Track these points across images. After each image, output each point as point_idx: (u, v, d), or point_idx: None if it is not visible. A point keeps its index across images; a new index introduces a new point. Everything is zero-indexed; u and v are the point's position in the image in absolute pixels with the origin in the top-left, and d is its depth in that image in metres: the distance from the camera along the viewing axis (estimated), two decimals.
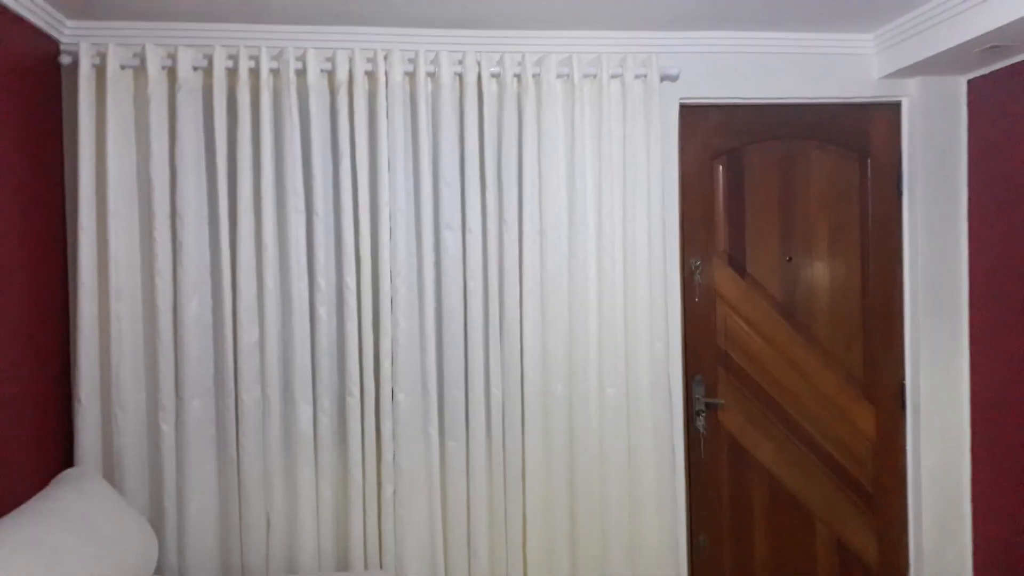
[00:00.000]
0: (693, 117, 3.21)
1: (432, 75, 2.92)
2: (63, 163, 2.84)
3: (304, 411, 2.85)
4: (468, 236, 2.94)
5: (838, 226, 3.28)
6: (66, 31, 2.81)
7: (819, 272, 3.29)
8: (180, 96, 2.79)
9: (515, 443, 2.97)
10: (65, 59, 2.79)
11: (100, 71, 2.77)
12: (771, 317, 3.25)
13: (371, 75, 2.90)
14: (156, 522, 2.79)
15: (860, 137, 3.28)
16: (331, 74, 2.88)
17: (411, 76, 2.92)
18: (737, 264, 3.25)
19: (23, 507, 2.14)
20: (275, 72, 2.86)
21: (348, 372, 2.87)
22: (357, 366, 2.89)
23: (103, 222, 2.76)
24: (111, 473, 2.77)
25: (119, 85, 2.78)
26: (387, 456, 2.89)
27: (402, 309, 2.89)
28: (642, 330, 3.04)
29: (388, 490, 2.89)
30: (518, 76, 2.97)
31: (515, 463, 2.97)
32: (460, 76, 2.94)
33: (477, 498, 2.94)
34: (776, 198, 3.26)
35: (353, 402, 2.87)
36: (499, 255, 2.97)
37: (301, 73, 2.86)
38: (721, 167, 3.25)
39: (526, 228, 2.97)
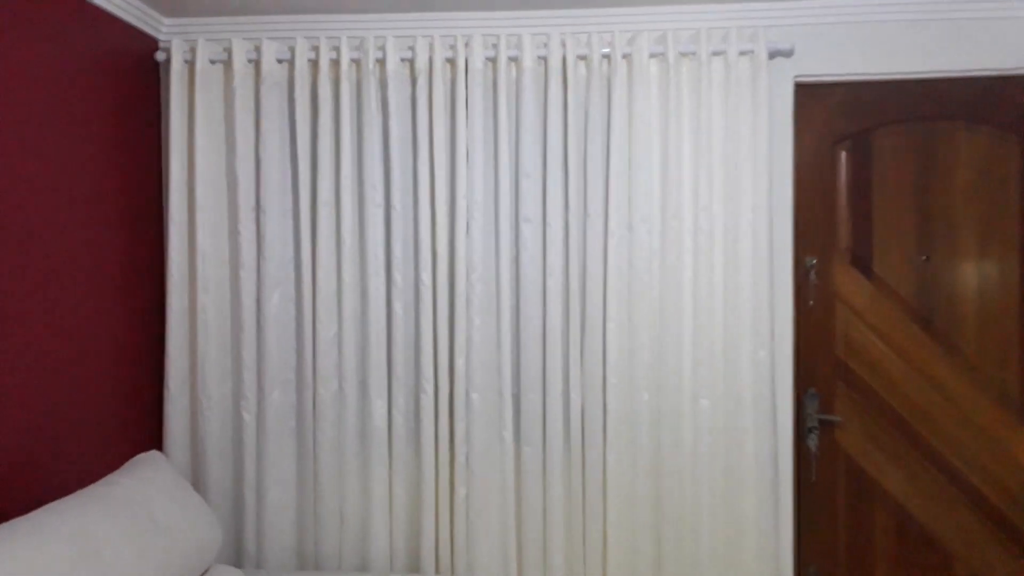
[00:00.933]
0: (811, 97, 2.84)
1: (515, 60, 2.76)
2: (160, 159, 2.94)
3: (379, 407, 2.80)
4: (548, 231, 2.76)
5: (990, 220, 2.80)
6: (164, 29, 2.90)
7: (965, 273, 2.82)
8: (264, 89, 2.81)
9: (596, 454, 2.76)
10: (161, 56, 2.88)
11: (190, 67, 2.84)
12: (903, 325, 2.83)
13: (451, 62, 2.78)
14: (237, 510, 2.84)
15: (1021, 115, 2.77)
16: (411, 62, 2.80)
17: (493, 62, 2.77)
18: (862, 263, 2.85)
19: (80, 492, 2.21)
20: (356, 62, 2.81)
21: (423, 369, 2.78)
22: (432, 363, 2.79)
23: (192, 216, 2.84)
24: (197, 460, 2.85)
25: (208, 80, 2.84)
26: (460, 457, 2.78)
27: (477, 307, 2.76)
28: (744, 336, 2.74)
29: (460, 493, 2.78)
30: (607, 57, 2.75)
31: (595, 476, 2.76)
32: (544, 59, 2.75)
33: (553, 510, 2.76)
34: (911, 188, 2.82)
35: (427, 400, 2.78)
36: (581, 251, 2.77)
37: (381, 62, 2.80)
38: (844, 153, 2.86)
39: (612, 223, 2.74)
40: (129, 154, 2.76)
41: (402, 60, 2.80)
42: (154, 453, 2.52)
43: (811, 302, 2.86)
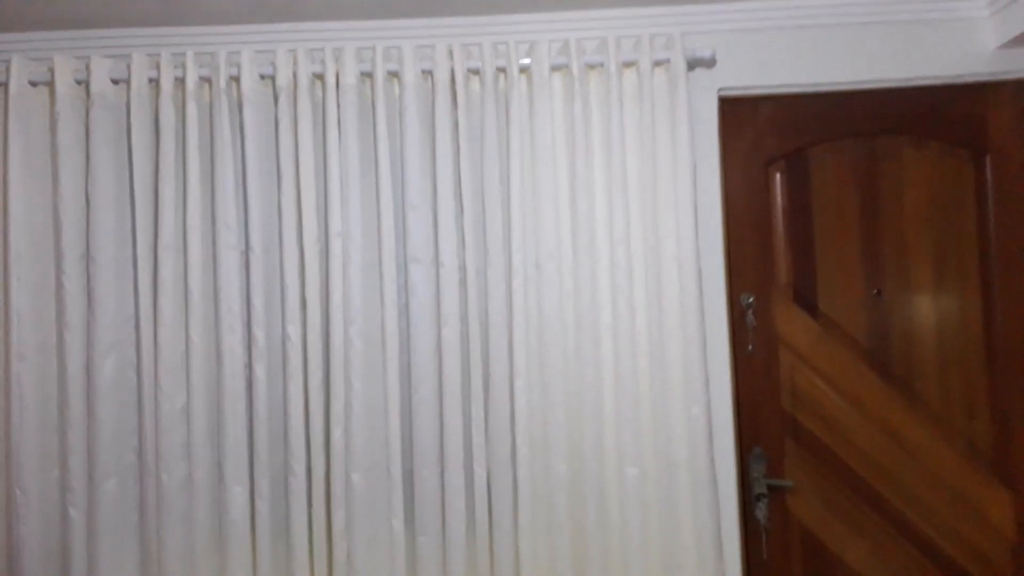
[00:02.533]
0: (739, 112, 2.49)
1: (395, 74, 2.35)
2: None
3: (238, 495, 2.28)
4: (442, 272, 2.32)
5: (945, 247, 2.45)
6: None
7: (921, 309, 2.46)
8: (95, 115, 2.34)
9: (506, 541, 2.28)
10: None
11: (4, 90, 2.36)
12: (856, 370, 2.44)
13: (320, 78, 2.36)
14: None
15: (973, 128, 2.46)
16: (272, 79, 2.36)
17: (369, 77, 2.36)
18: (805, 300, 2.47)
19: None
20: (206, 80, 2.37)
21: (291, 446, 2.28)
22: (303, 438, 2.29)
23: (5, 268, 2.32)
24: (13, 571, 2.28)
25: (27, 106, 2.35)
26: (339, 554, 2.27)
27: (357, 367, 2.29)
28: (674, 389, 2.32)
29: None
30: (503, 70, 2.36)
31: (506, 569, 2.28)
32: (430, 74, 2.35)
33: None
34: (856, 213, 2.47)
35: (297, 483, 2.28)
36: (482, 295, 2.34)
37: (236, 79, 2.36)
38: (779, 175, 2.50)
39: (515, 261, 2.31)
40: None
41: (262, 77, 2.36)
42: None
43: (750, 347, 2.46)
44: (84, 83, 2.36)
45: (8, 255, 2.31)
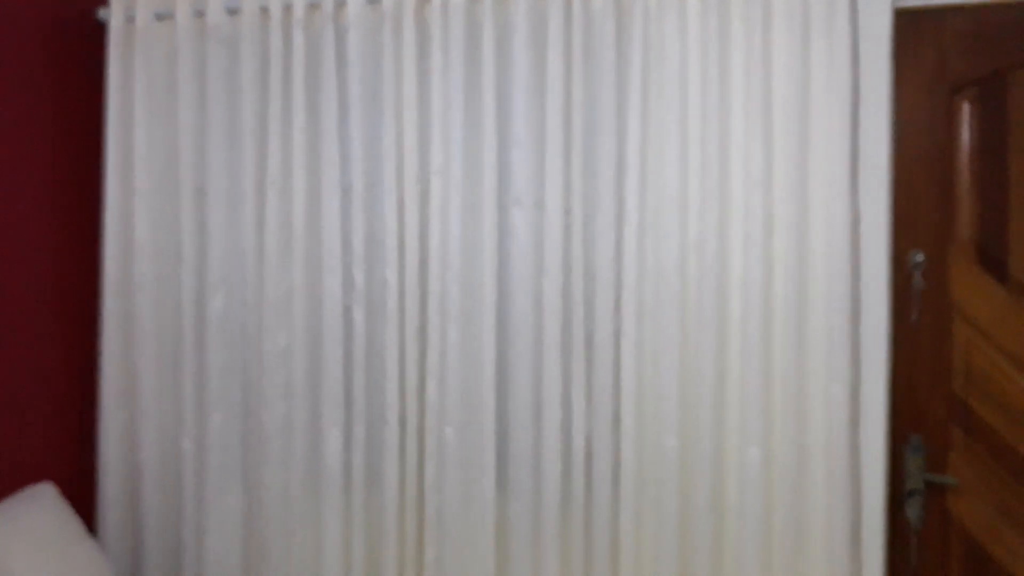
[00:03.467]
0: (919, 29, 2.03)
1: None
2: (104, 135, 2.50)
3: (334, 440, 2.23)
4: (545, 216, 2.09)
5: None
6: None
7: None
8: (210, 48, 2.30)
9: (604, 513, 2.07)
10: (104, 14, 2.43)
11: (131, 25, 2.37)
12: None
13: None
14: (176, 555, 2.36)
15: None
16: (378, 3, 2.21)
17: None
18: (993, 261, 2.00)
19: None
20: (314, 7, 2.25)
21: (386, 395, 2.19)
22: (397, 388, 2.19)
23: (130, 201, 2.37)
24: (134, 494, 2.38)
25: (151, 40, 2.36)
26: (429, 510, 2.17)
27: (453, 316, 2.14)
28: (813, 364, 1.98)
29: (430, 555, 2.16)
30: None
31: (602, 542, 2.07)
32: None
33: None
34: None
35: (391, 434, 2.19)
36: (588, 244, 2.09)
37: (342, 5, 2.23)
38: (968, 105, 2.02)
39: (628, 205, 2.04)
40: (68, 133, 2.36)
41: (368, 1, 2.22)
42: (44, 486, 2.08)
43: (916, 316, 2.04)
44: (203, 15, 2.33)
45: (133, 188, 2.35)
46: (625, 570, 2.06)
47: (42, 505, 1.98)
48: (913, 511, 2.02)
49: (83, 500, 2.37)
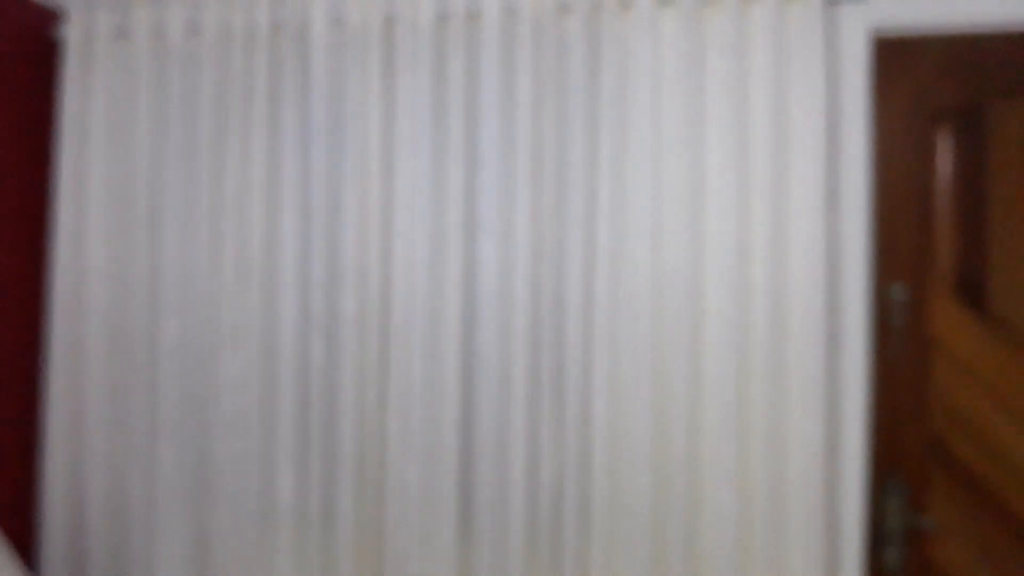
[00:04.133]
0: (897, 58, 1.99)
1: (472, 14, 2.06)
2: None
3: (287, 475, 2.12)
4: (513, 245, 2.02)
5: None
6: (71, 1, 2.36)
7: None
8: (168, 67, 2.23)
9: (572, 558, 1.97)
10: (63, 31, 2.34)
11: (89, 43, 2.29)
12: None
13: (392, 20, 2.12)
14: None
15: None
16: (342, 23, 2.14)
17: (444, 18, 2.08)
18: (973, 295, 1.94)
19: None
20: (277, 28, 2.18)
21: (344, 429, 2.09)
22: (356, 422, 2.09)
23: (82, 223, 2.27)
24: (79, 529, 2.26)
25: (110, 59, 2.28)
26: (388, 552, 2.05)
27: (416, 348, 2.05)
28: (789, 401, 1.91)
29: None
30: (596, 3, 2.00)
31: None
32: (510, 9, 2.03)
33: None
34: None
35: (346, 473, 2.08)
36: (558, 275, 2.02)
37: (306, 26, 2.16)
38: (947, 136, 1.97)
39: (600, 235, 1.97)
40: (16, 152, 2.26)
41: (333, 20, 2.15)
42: None
43: (895, 351, 1.98)
44: (164, 34, 2.25)
45: (86, 210, 2.25)
46: None
47: None
48: (892, 556, 1.94)
49: (23, 533, 2.25)
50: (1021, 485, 1.90)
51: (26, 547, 2.27)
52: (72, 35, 2.29)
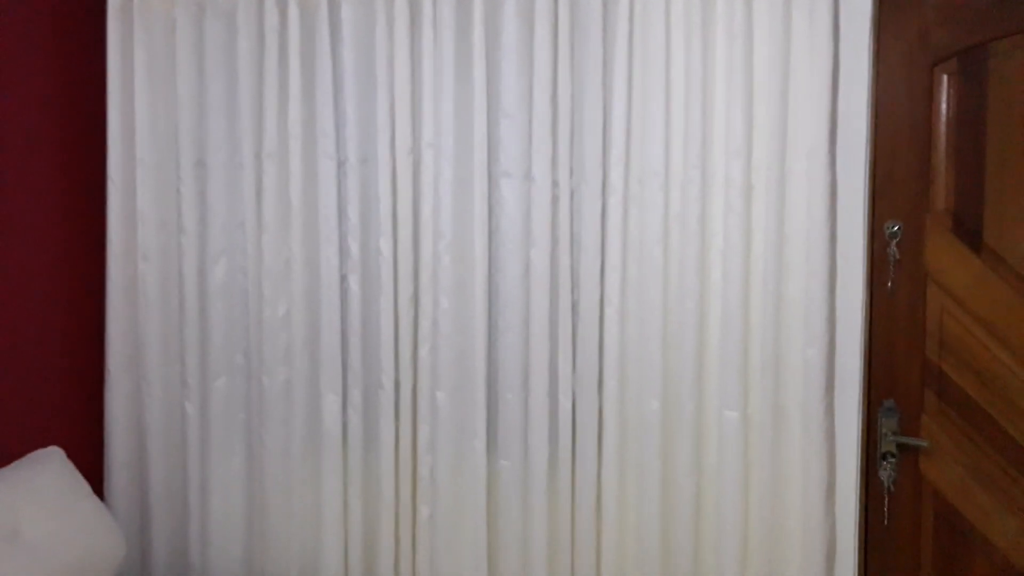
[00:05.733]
0: (899, 1, 2.07)
1: None
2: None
3: (331, 404, 2.32)
4: (533, 188, 2.16)
5: None
6: None
7: None
8: (207, 22, 2.35)
9: (589, 475, 2.16)
10: None
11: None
12: None
13: None
14: (181, 516, 2.45)
15: None
16: None
17: None
18: (967, 231, 2.06)
19: None
20: None
21: (381, 361, 2.27)
22: (392, 354, 2.27)
23: (131, 174, 2.44)
24: (141, 456, 2.48)
25: (150, 13, 2.41)
26: (423, 470, 2.26)
27: (444, 284, 2.22)
28: (790, 329, 2.06)
29: (424, 513, 2.26)
30: None
31: (588, 500, 2.16)
32: None
33: (535, 538, 2.18)
34: None
35: (386, 398, 2.27)
36: (575, 215, 2.16)
37: None
38: (947, 77, 2.06)
39: (612, 176, 2.11)
40: (72, 105, 2.42)
41: None
42: (52, 450, 2.17)
43: (891, 284, 2.11)
44: None
45: (135, 161, 2.41)
46: (609, 526, 2.15)
47: (50, 467, 2.08)
48: (886, 473, 2.11)
49: (91, 464, 2.47)
50: (1010, 408, 2.04)
51: (93, 477, 2.48)
52: None
